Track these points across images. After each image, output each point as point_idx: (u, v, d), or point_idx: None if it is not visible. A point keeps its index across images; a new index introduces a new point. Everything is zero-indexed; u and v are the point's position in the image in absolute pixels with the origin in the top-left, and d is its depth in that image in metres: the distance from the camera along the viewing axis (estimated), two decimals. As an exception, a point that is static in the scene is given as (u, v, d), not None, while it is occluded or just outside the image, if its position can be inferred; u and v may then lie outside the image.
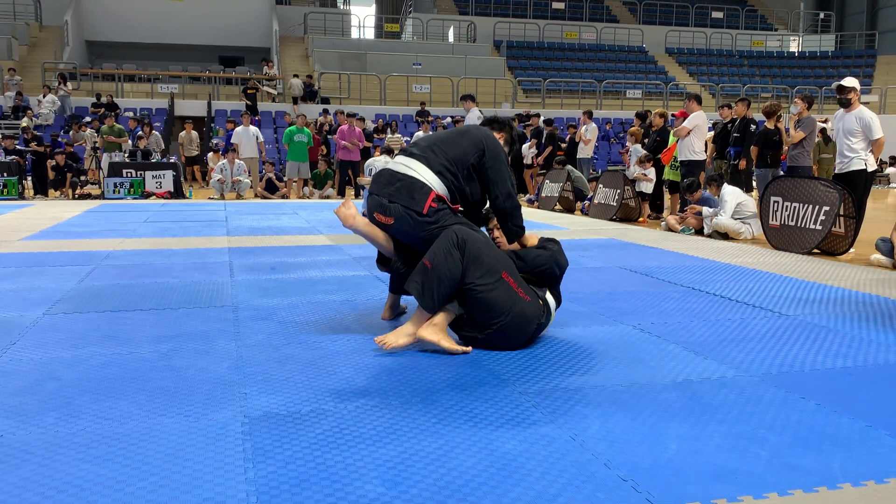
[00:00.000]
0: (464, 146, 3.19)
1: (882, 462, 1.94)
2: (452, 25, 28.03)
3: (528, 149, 13.22)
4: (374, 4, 31.28)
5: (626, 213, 9.46)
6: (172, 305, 3.88)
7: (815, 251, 6.26)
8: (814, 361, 2.88)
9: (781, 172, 7.93)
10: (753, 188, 9.32)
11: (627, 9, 31.31)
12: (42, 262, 5.31)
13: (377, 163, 12.33)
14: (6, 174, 12.19)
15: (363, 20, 28.90)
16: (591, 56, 27.48)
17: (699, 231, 7.64)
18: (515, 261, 3.09)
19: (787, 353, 2.99)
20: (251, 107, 18.95)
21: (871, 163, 6.44)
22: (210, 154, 15.46)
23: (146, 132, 13.74)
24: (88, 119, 17.09)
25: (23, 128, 14.60)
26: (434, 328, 2.94)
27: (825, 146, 12.18)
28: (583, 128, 12.37)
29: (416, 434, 2.11)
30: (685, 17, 30.55)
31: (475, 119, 11.32)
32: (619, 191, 9.43)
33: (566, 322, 3.51)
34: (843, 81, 6.50)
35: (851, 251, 6.18)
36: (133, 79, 21.99)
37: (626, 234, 7.51)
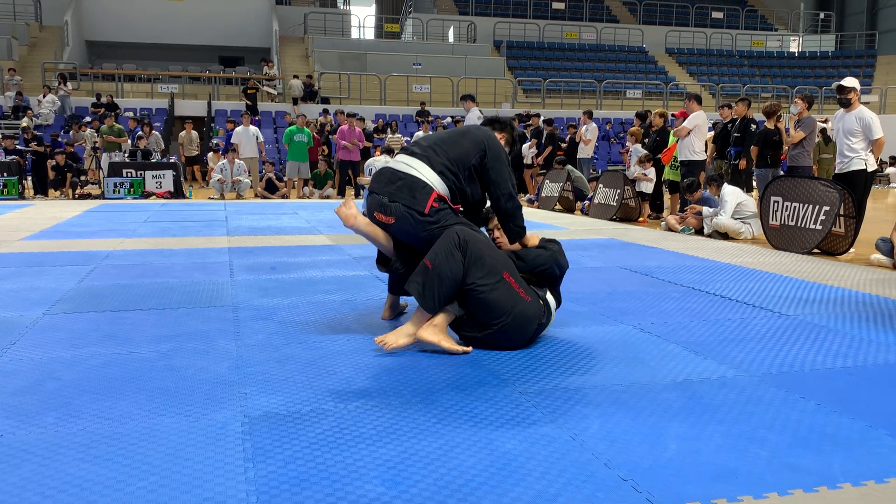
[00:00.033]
0: (465, 147, 3.17)
1: (882, 462, 1.94)
2: (452, 25, 28.03)
3: (528, 149, 13.22)
4: (374, 4, 31.29)
5: (626, 213, 9.46)
6: (172, 305, 3.88)
7: (815, 251, 6.26)
8: (814, 361, 2.88)
9: (781, 172, 7.93)
10: (754, 188, 9.32)
11: (627, 9, 31.31)
12: (42, 262, 5.31)
13: (377, 163, 12.34)
14: (6, 174, 12.19)
15: (363, 20, 28.93)
16: (591, 56, 27.49)
17: (699, 231, 7.64)
18: (515, 261, 3.09)
19: (787, 353, 2.99)
20: (251, 107, 18.96)
21: (872, 163, 6.44)
22: (210, 154, 15.46)
23: (146, 132, 13.74)
24: (88, 119, 17.10)
25: (23, 128, 14.60)
26: (434, 329, 2.94)
27: (825, 146, 12.18)
28: (583, 128, 12.37)
29: (416, 434, 2.11)
30: (685, 17, 30.56)
31: (475, 119, 11.31)
32: (619, 191, 9.43)
33: (566, 322, 3.51)
34: (843, 81, 6.51)
35: (851, 251, 6.18)
36: (133, 79, 21.99)
37: (626, 234, 7.51)
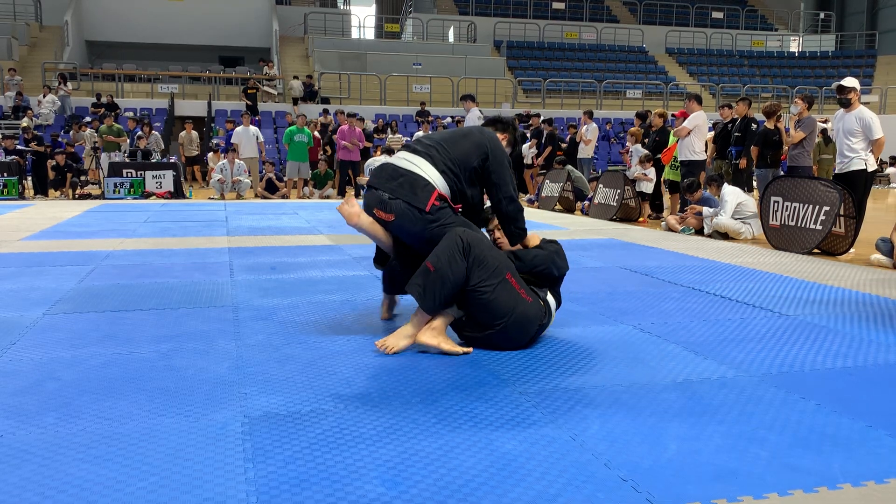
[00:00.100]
0: (467, 148, 3.15)
1: (882, 462, 1.94)
2: (452, 25, 28.03)
3: (529, 149, 13.22)
4: (374, 4, 31.29)
5: (627, 213, 9.46)
6: (172, 305, 3.88)
7: (816, 251, 6.26)
8: (814, 361, 2.88)
9: (782, 172, 7.93)
10: (754, 188, 9.32)
11: (627, 9, 31.31)
12: (42, 262, 5.31)
13: (377, 162, 12.33)
14: (6, 174, 12.19)
15: (363, 20, 28.93)
16: (591, 56, 27.48)
17: (699, 231, 7.64)
18: (514, 261, 3.09)
19: (787, 353, 2.99)
20: (251, 107, 18.95)
21: (872, 163, 6.44)
22: (210, 154, 15.46)
23: (146, 132, 13.74)
24: (88, 119, 17.09)
25: (23, 128, 14.59)
26: (433, 332, 2.94)
27: (825, 147, 12.17)
28: (583, 128, 12.37)
29: (417, 434, 2.11)
30: (685, 17, 30.56)
31: (475, 119, 11.31)
32: (620, 191, 9.43)
33: (566, 322, 3.51)
34: (843, 81, 6.51)
35: (851, 251, 6.18)
36: (133, 79, 21.99)
37: (627, 234, 7.51)
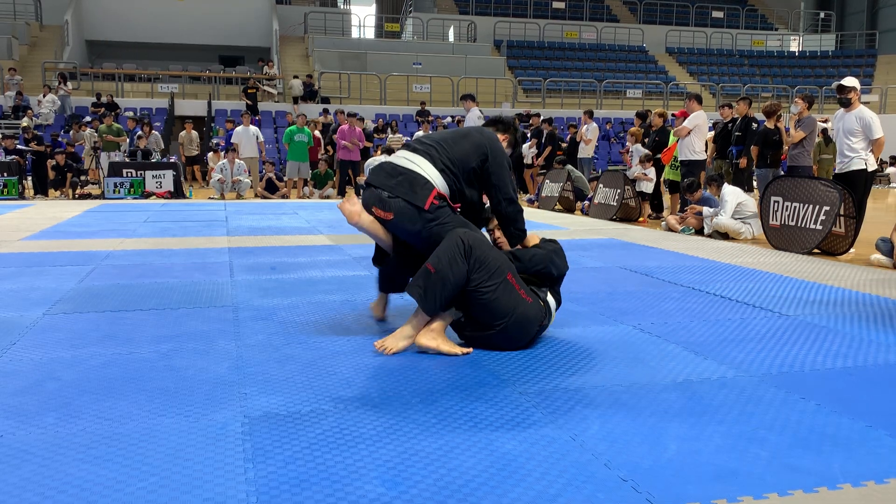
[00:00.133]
0: (466, 148, 3.15)
1: (882, 462, 1.94)
2: (452, 25, 28.03)
3: (529, 148, 13.22)
4: (375, 4, 31.28)
5: (627, 213, 9.46)
6: (172, 305, 3.88)
7: (816, 251, 6.26)
8: (814, 361, 2.88)
9: (782, 172, 7.93)
10: (754, 188, 9.32)
11: (628, 8, 31.31)
12: (42, 262, 5.31)
13: (377, 162, 12.33)
14: (6, 174, 12.19)
15: (363, 20, 28.92)
16: (592, 56, 27.48)
17: (699, 231, 7.64)
18: (512, 261, 3.09)
19: (787, 353, 2.98)
20: (252, 107, 18.95)
21: (872, 162, 6.44)
22: (210, 154, 15.46)
23: (146, 132, 13.74)
24: (88, 119, 17.09)
25: (23, 127, 14.59)
26: (432, 333, 2.94)
27: (825, 147, 12.17)
28: (584, 127, 12.37)
29: (417, 434, 2.11)
30: (685, 17, 30.56)
31: (475, 119, 11.31)
32: (620, 191, 9.43)
33: (566, 322, 3.51)
34: (844, 81, 6.50)
35: (851, 251, 6.18)
36: (133, 78, 21.98)
37: (627, 234, 7.51)
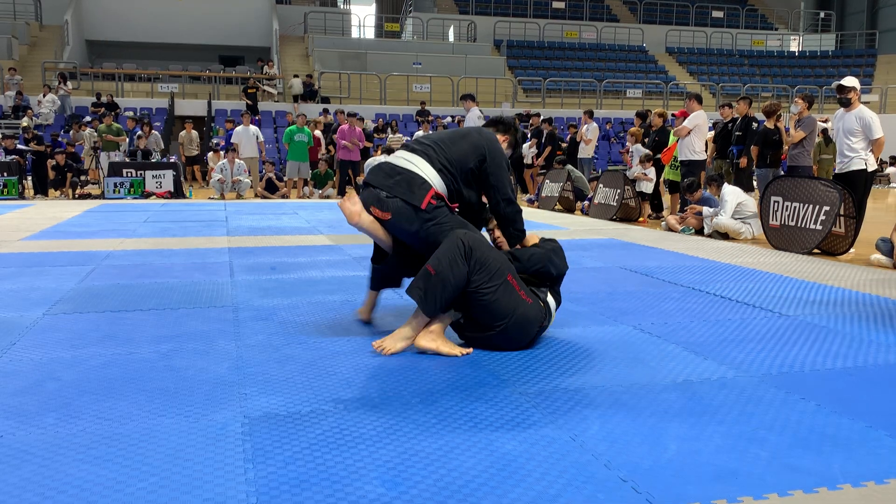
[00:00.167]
0: (464, 149, 3.15)
1: (882, 462, 1.94)
2: (452, 25, 28.03)
3: (529, 148, 13.22)
4: (375, 4, 31.28)
5: (627, 213, 9.46)
6: (172, 305, 3.88)
7: (816, 251, 6.26)
8: (814, 361, 2.88)
9: (782, 172, 7.93)
10: (755, 188, 9.31)
11: (628, 8, 31.31)
12: (42, 262, 5.31)
13: (377, 162, 12.33)
14: (6, 174, 12.19)
15: (363, 20, 28.92)
16: (592, 56, 27.48)
17: (699, 231, 7.64)
18: (511, 261, 3.09)
19: (787, 354, 2.98)
20: (252, 106, 18.95)
21: (872, 162, 6.44)
22: (210, 154, 15.46)
23: (146, 132, 13.74)
24: (88, 119, 17.09)
25: (23, 127, 14.59)
26: (431, 335, 2.94)
27: (826, 147, 12.17)
28: (584, 127, 12.37)
29: (417, 435, 2.11)
30: (685, 17, 30.55)
31: (475, 118, 11.31)
32: (620, 191, 9.43)
33: (566, 322, 3.51)
34: (843, 81, 6.50)
35: (851, 251, 6.18)
36: (133, 78, 21.98)
37: (626, 234, 7.51)
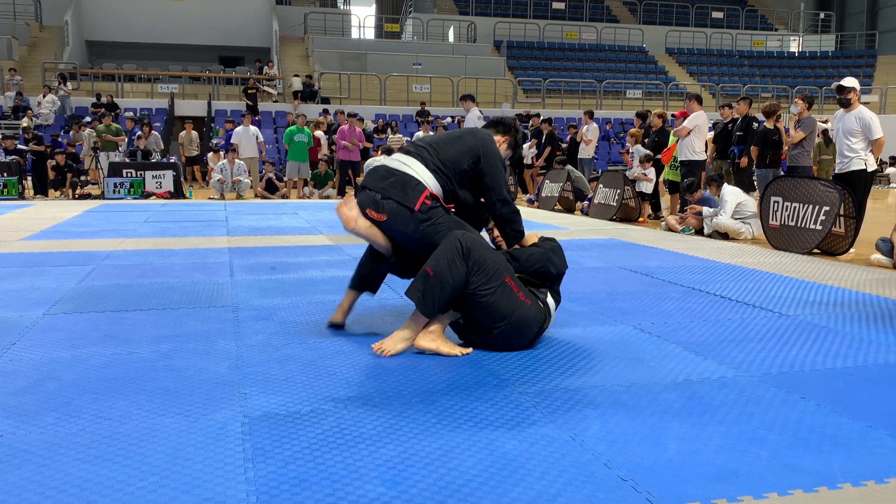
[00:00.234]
0: (458, 150, 3.16)
1: (882, 462, 1.94)
2: (452, 25, 28.03)
3: (528, 149, 13.22)
4: (374, 4, 31.29)
5: (626, 213, 9.46)
6: (172, 305, 3.88)
7: (816, 251, 6.26)
8: (814, 361, 2.88)
9: (782, 172, 7.93)
10: (755, 188, 9.31)
11: (627, 9, 31.31)
12: (42, 262, 5.31)
13: (376, 163, 12.34)
14: (6, 174, 12.19)
15: (363, 20, 28.93)
16: (592, 56, 27.48)
17: (699, 231, 7.64)
18: (510, 261, 3.08)
19: (787, 353, 2.99)
20: (252, 107, 18.95)
21: (871, 163, 6.44)
22: (210, 154, 15.46)
23: (146, 132, 13.74)
24: (88, 119, 17.09)
25: (23, 128, 14.60)
26: (431, 335, 2.94)
27: (826, 147, 12.17)
28: (584, 128, 12.37)
29: (417, 434, 2.11)
30: (685, 17, 30.55)
31: (475, 119, 11.31)
32: (619, 191, 9.43)
33: (566, 322, 3.51)
34: (843, 81, 6.50)
35: (851, 251, 6.18)
36: (133, 79, 21.99)
37: (626, 234, 7.51)
